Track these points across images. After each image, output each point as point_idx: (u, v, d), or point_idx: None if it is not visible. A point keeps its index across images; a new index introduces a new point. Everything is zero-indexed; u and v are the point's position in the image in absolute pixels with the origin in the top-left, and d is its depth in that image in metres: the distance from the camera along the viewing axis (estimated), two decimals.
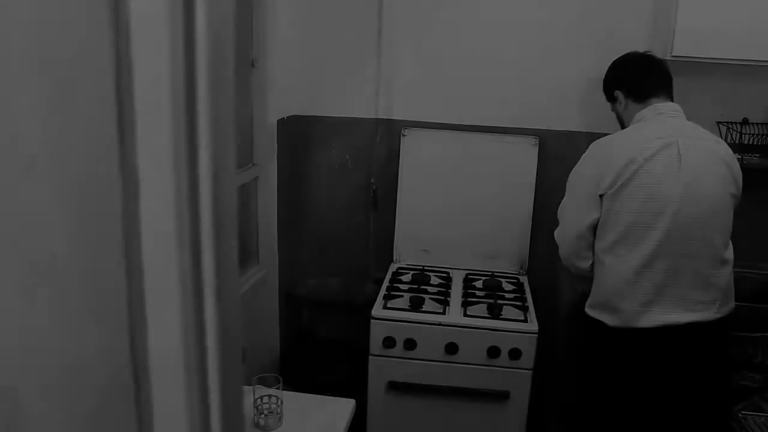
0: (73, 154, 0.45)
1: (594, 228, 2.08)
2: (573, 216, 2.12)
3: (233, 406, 0.58)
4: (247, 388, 1.74)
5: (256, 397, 1.65)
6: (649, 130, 2.02)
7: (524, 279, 2.81)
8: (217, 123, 0.50)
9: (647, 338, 2.00)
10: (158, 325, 0.52)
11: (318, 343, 2.94)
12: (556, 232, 2.22)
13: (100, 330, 0.50)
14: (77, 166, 0.46)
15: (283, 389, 1.55)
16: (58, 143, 0.45)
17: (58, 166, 0.45)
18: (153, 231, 0.50)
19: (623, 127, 2.20)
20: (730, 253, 2.04)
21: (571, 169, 2.18)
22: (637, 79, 2.18)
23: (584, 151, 2.19)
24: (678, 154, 1.97)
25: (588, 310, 2.13)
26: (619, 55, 2.26)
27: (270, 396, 1.66)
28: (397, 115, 2.90)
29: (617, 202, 1.99)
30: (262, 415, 1.65)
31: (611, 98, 2.26)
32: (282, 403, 1.65)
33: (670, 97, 2.13)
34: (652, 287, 1.97)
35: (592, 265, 2.13)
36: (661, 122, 2.05)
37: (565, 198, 2.18)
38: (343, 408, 1.74)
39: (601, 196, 2.03)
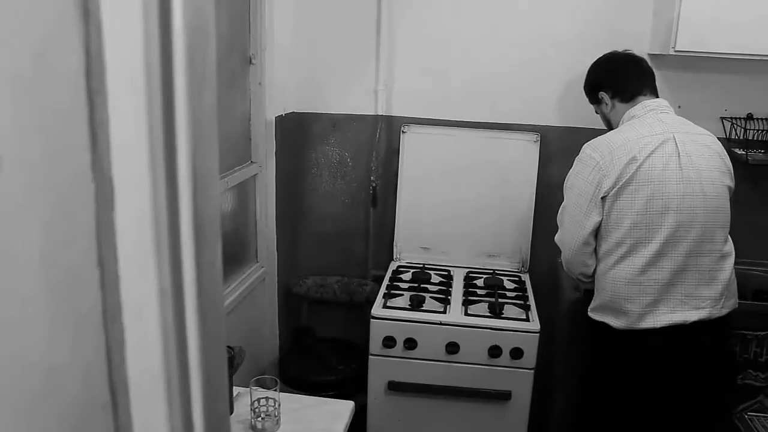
0: (40, 160, 0.42)
1: (595, 231, 2.03)
2: (575, 221, 2.06)
3: (218, 424, 0.55)
4: (244, 390, 1.71)
5: (253, 399, 1.62)
6: (644, 128, 2.00)
7: (526, 277, 2.78)
8: (197, 124, 0.47)
9: (654, 338, 1.97)
10: (136, 339, 0.49)
11: (318, 342, 2.91)
12: (557, 238, 2.17)
13: (74, 344, 0.47)
14: (46, 173, 0.43)
15: (281, 389, 1.53)
16: (23, 146, 0.42)
17: (24, 172, 0.42)
18: (129, 240, 0.47)
19: (610, 128, 2.17)
20: (730, 247, 2.02)
21: (571, 164, 2.14)
22: (621, 78, 2.14)
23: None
24: (676, 149, 1.94)
25: (591, 314, 2.09)
26: (622, 48, 2.23)
27: (267, 398, 1.64)
28: (396, 112, 2.88)
29: (619, 203, 1.96)
30: (260, 418, 1.62)
31: (595, 100, 2.23)
32: (280, 405, 1.63)
33: (656, 94, 2.12)
34: (658, 287, 1.95)
35: (595, 271, 2.08)
36: (654, 118, 2.02)
37: (564, 203, 2.13)
38: (341, 410, 1.71)
39: (603, 198, 1.98)
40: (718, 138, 2.08)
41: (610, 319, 2.01)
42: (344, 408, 1.72)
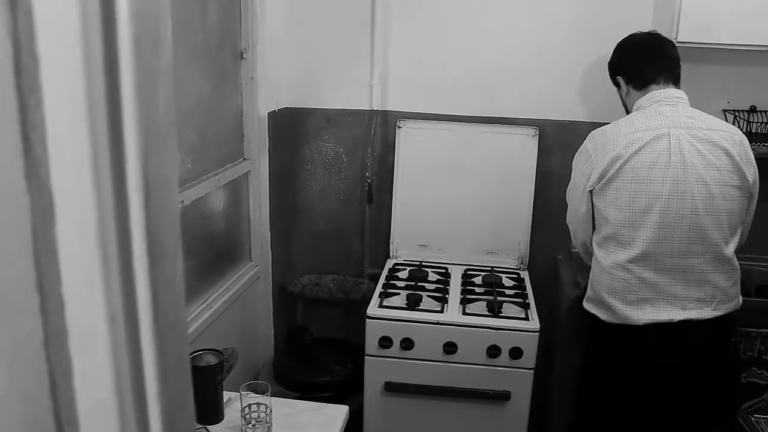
0: None
1: (590, 219, 2.03)
2: (572, 204, 2.10)
3: None
4: (235, 395, 1.66)
5: (244, 405, 1.57)
6: (641, 122, 1.94)
7: (525, 274, 2.73)
8: (150, 123, 0.41)
9: (640, 334, 1.94)
10: (85, 369, 0.43)
11: (313, 341, 2.85)
12: (567, 216, 2.18)
13: (9, 375, 0.41)
14: None
15: (276, 391, 1.48)
16: None
17: None
18: (73, 257, 0.41)
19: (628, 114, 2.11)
20: (732, 249, 1.94)
21: (571, 159, 2.12)
22: (636, 64, 2.06)
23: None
24: (668, 146, 1.88)
25: (585, 304, 2.08)
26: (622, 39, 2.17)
27: (259, 404, 1.58)
28: (392, 107, 2.82)
29: (604, 198, 1.94)
30: (251, 425, 1.57)
31: (615, 84, 2.17)
32: (271, 411, 1.57)
33: (675, 83, 2.01)
34: (642, 285, 1.92)
35: None
36: (655, 112, 1.95)
37: (570, 183, 2.13)
38: (335, 415, 1.66)
39: (590, 191, 1.98)
40: None
41: (599, 312, 2.00)
42: (338, 413, 1.67)
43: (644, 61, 2.04)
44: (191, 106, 2.18)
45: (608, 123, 2.06)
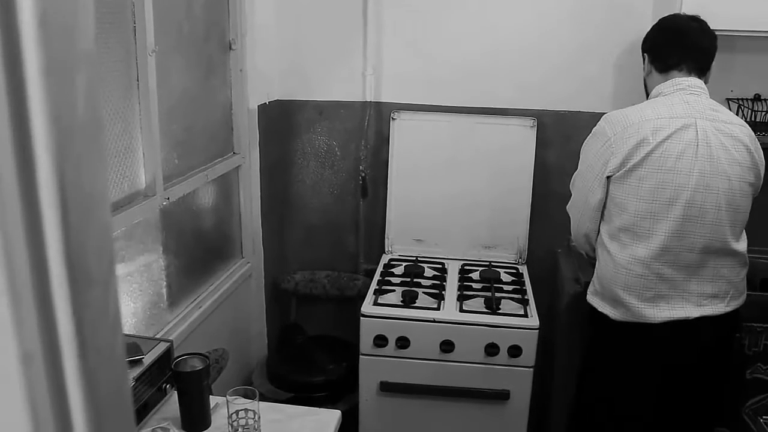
0: None
1: (600, 208, 1.93)
2: (581, 194, 1.97)
3: None
4: (221, 400, 1.59)
5: (231, 411, 1.50)
6: (665, 108, 1.84)
7: (523, 269, 2.66)
8: (66, 126, 0.34)
9: (654, 333, 1.88)
10: None
11: (307, 340, 2.79)
12: (567, 206, 2.09)
13: None
14: None
15: (269, 391, 1.43)
16: None
17: None
18: None
19: (647, 95, 2.02)
20: (742, 245, 1.89)
21: (571, 150, 2.05)
22: (664, 45, 1.97)
23: (585, 132, 2.05)
24: (696, 137, 1.79)
25: (589, 298, 2.00)
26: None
27: (246, 410, 1.52)
28: (386, 98, 2.74)
29: (625, 187, 1.84)
30: None
31: (643, 59, 2.07)
32: (259, 418, 1.51)
33: (698, 74, 1.93)
34: (659, 281, 1.84)
35: None
36: (680, 99, 1.86)
37: (577, 169, 2.03)
38: (327, 420, 1.59)
39: (608, 177, 1.87)
40: None
41: (608, 309, 1.93)
42: (330, 418, 1.60)
43: (671, 45, 1.95)
44: (177, 100, 2.10)
45: (609, 113, 1.98)
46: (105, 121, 1.69)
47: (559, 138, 2.64)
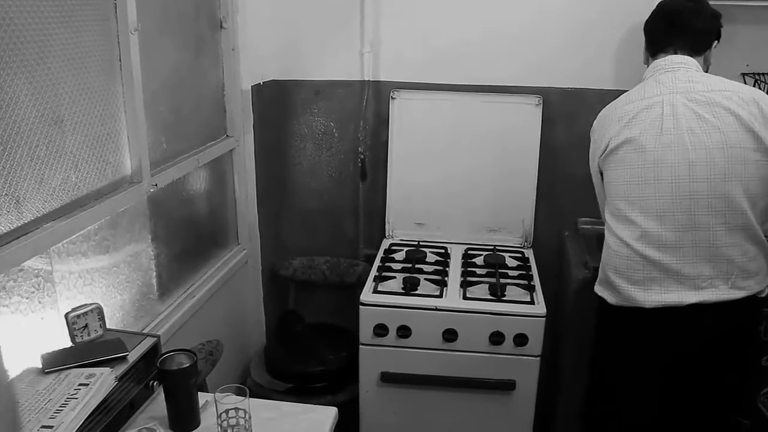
0: None
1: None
2: (596, 188, 2.04)
3: None
4: (211, 397, 1.51)
5: (220, 411, 1.42)
6: (636, 93, 1.87)
7: (529, 252, 2.58)
8: None
9: (648, 318, 1.82)
10: None
11: (306, 328, 2.70)
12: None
13: None
14: None
15: (268, 380, 1.35)
16: None
17: None
18: None
19: None
20: (752, 219, 1.75)
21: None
22: (655, 29, 1.97)
23: (592, 110, 2.04)
24: (660, 114, 1.77)
25: (595, 287, 1.97)
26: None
27: (237, 409, 1.43)
28: (385, 76, 2.65)
29: (609, 172, 1.87)
30: None
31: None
32: (250, 417, 1.42)
33: (687, 50, 1.88)
34: (646, 263, 1.80)
35: None
36: (653, 81, 1.86)
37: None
38: (322, 418, 1.51)
39: (600, 171, 1.93)
40: None
41: (606, 294, 1.90)
42: (325, 416, 1.52)
43: (661, 28, 1.94)
44: (164, 81, 2.00)
45: (617, 90, 1.99)
46: (84, 104, 1.59)
47: (566, 116, 2.54)
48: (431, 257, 2.51)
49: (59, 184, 1.52)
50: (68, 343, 1.47)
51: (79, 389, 1.32)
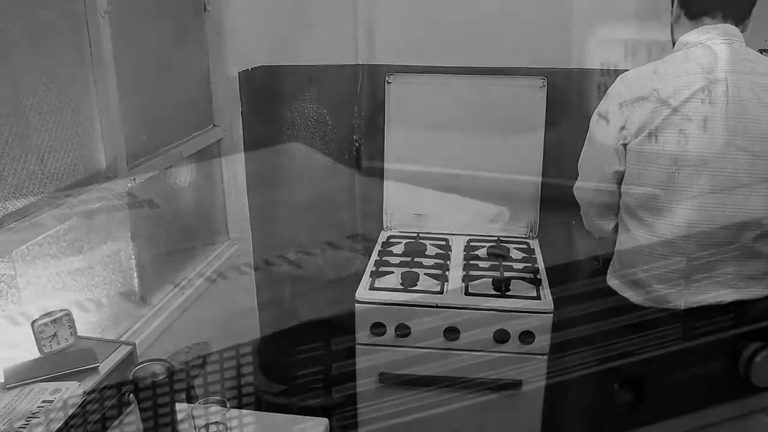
0: None
1: (618, 182, 1.72)
2: (591, 166, 1.78)
3: None
4: (185, 410, 1.39)
5: (198, 427, 1.31)
6: (688, 63, 1.59)
7: (535, 243, 2.46)
8: None
9: (680, 320, 1.68)
10: None
11: (302, 325, 2.60)
12: (575, 187, 1.88)
13: None
14: None
15: (261, 384, 1.25)
16: None
17: None
18: None
19: (674, 46, 1.74)
20: None
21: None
22: None
23: (600, 92, 1.91)
24: (726, 94, 1.54)
25: (609, 280, 1.83)
26: None
27: (217, 423, 1.32)
28: (380, 59, 2.52)
29: (643, 155, 1.62)
30: None
31: (671, 2, 1.77)
32: (231, 430, 1.31)
33: (736, 21, 1.64)
34: (684, 262, 1.64)
35: (617, 227, 1.82)
36: (706, 50, 1.60)
37: (585, 144, 1.81)
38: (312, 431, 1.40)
39: (624, 145, 1.65)
40: None
41: (628, 292, 1.76)
42: (316, 428, 1.40)
43: None
44: (142, 68, 1.88)
45: (626, 71, 1.74)
46: (49, 93, 1.47)
47: (571, 98, 2.42)
48: (431, 250, 2.40)
49: (22, 181, 1.40)
50: (36, 354, 1.36)
51: (42, 407, 1.21)
